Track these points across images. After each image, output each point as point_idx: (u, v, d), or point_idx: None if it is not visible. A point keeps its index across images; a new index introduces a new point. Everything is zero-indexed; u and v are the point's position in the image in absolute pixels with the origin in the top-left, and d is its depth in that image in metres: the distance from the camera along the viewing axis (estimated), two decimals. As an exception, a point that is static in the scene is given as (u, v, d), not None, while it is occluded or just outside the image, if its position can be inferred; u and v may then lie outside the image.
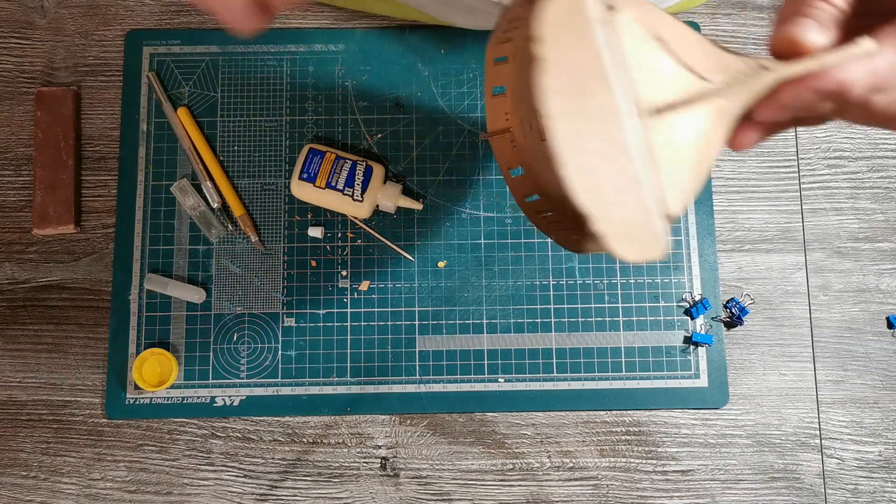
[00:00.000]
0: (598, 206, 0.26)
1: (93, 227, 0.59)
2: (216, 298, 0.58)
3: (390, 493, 0.56)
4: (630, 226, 0.27)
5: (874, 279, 0.59)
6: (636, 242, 0.27)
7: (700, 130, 0.29)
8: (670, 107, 0.28)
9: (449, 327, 0.58)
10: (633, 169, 0.27)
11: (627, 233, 0.27)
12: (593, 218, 0.26)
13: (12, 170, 0.60)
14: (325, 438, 0.57)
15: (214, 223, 0.58)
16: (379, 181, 0.57)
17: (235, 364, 0.57)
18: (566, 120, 0.26)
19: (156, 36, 0.61)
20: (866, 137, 0.61)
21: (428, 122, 0.60)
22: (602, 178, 0.26)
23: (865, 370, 0.58)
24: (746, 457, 0.57)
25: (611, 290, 0.58)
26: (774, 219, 0.60)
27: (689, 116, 0.28)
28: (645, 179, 0.27)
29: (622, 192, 0.27)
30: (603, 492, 0.56)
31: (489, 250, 0.59)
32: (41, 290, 0.58)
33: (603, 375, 0.57)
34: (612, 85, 0.26)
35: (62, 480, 0.56)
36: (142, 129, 0.60)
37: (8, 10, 0.62)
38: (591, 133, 0.26)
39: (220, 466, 0.56)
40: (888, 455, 0.57)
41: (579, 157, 0.26)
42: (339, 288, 0.58)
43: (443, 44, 0.61)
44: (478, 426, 0.57)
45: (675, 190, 0.28)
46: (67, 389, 0.57)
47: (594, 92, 0.26)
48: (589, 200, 0.26)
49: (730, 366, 0.58)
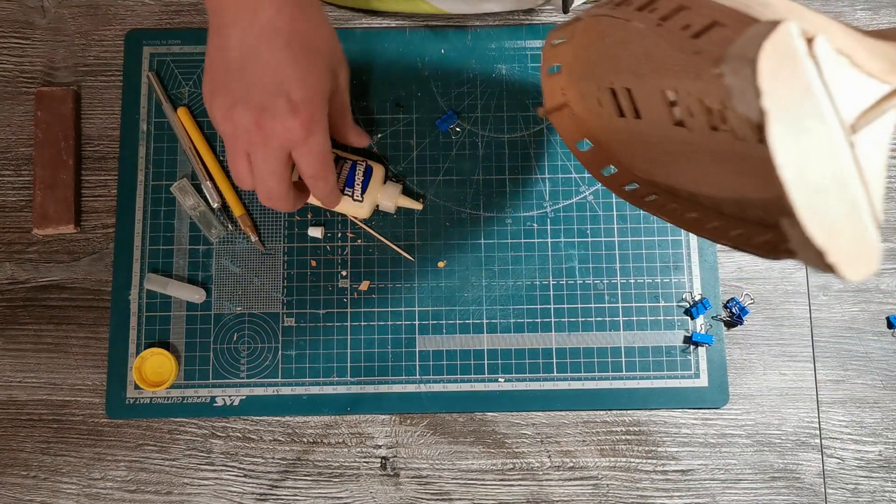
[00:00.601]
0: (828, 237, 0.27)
1: (93, 227, 0.59)
2: (216, 298, 0.58)
3: (390, 493, 0.56)
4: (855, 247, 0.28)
5: (874, 279, 0.59)
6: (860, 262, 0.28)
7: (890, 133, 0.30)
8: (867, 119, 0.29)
9: (449, 327, 0.58)
10: (853, 193, 0.28)
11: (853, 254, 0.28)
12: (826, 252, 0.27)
13: (12, 170, 0.60)
14: (325, 438, 0.57)
15: (214, 223, 0.58)
16: (379, 181, 0.56)
17: (235, 364, 0.57)
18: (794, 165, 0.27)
19: (156, 36, 0.61)
20: (866, 137, 0.61)
21: (428, 122, 0.60)
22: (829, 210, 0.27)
23: (865, 370, 0.58)
24: (746, 456, 0.57)
25: (611, 290, 0.58)
26: (774, 219, 0.60)
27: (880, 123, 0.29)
28: (861, 199, 0.28)
29: (847, 219, 0.28)
30: (603, 491, 0.56)
31: (489, 250, 0.59)
32: (41, 290, 0.58)
33: (603, 375, 0.57)
34: (825, 115, 0.27)
35: (62, 480, 0.56)
36: (142, 129, 0.60)
37: (8, 10, 0.62)
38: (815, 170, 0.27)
39: (220, 466, 0.56)
40: (888, 455, 0.57)
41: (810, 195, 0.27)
42: (339, 288, 0.58)
43: (443, 44, 0.61)
44: (478, 426, 0.57)
45: (879, 198, 0.29)
46: (67, 389, 0.57)
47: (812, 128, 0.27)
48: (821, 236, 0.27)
49: (730, 365, 0.58)
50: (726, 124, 0.32)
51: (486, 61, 0.61)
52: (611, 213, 0.59)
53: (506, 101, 0.60)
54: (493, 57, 0.61)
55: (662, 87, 0.36)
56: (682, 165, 0.40)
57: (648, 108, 0.40)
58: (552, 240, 0.59)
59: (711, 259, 0.58)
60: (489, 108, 0.60)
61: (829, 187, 0.27)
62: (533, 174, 0.59)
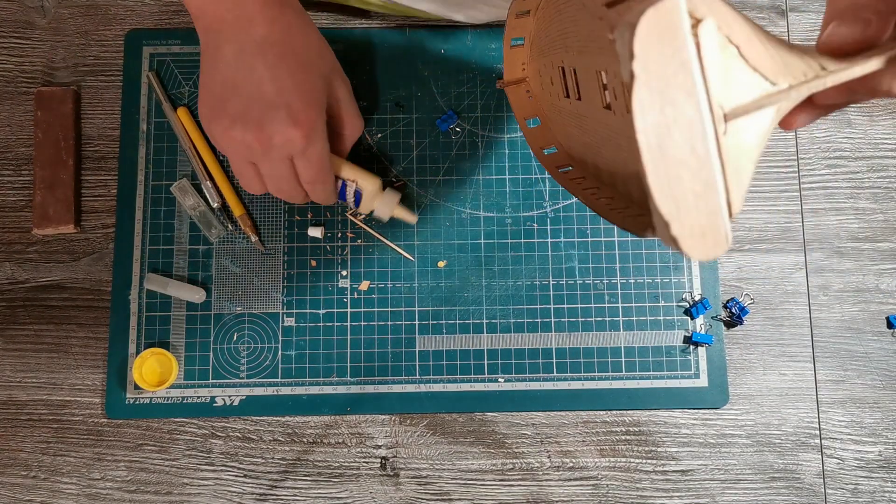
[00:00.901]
0: (675, 210, 0.28)
1: (93, 227, 0.59)
2: (216, 298, 0.58)
3: (390, 493, 0.56)
4: (701, 227, 0.29)
5: (874, 279, 0.59)
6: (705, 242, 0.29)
7: (764, 131, 0.30)
8: (742, 111, 0.29)
9: (449, 327, 0.58)
10: (708, 174, 0.28)
11: (700, 234, 0.29)
12: (670, 223, 0.28)
13: (12, 170, 0.60)
14: (325, 438, 0.57)
15: (214, 223, 0.58)
16: (370, 197, 0.55)
17: (235, 364, 0.57)
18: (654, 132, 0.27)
19: (156, 36, 0.61)
20: (866, 137, 0.61)
21: (428, 122, 0.60)
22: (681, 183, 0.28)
23: (865, 370, 0.58)
24: (746, 457, 0.57)
25: (611, 290, 0.58)
26: (774, 218, 0.60)
27: (756, 119, 0.30)
28: (718, 183, 0.29)
29: (697, 197, 0.28)
30: (603, 492, 0.56)
31: (489, 250, 0.59)
32: (41, 290, 0.58)
33: (603, 375, 0.57)
34: (696, 94, 0.28)
35: (62, 480, 0.56)
36: (142, 129, 0.60)
37: (8, 9, 0.62)
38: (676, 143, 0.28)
39: (220, 466, 0.56)
40: (888, 455, 0.57)
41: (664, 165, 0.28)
42: (339, 288, 0.58)
43: (443, 44, 0.61)
44: (478, 426, 0.57)
45: (739, 190, 0.30)
46: (67, 389, 0.57)
47: (681, 103, 0.28)
48: (667, 206, 0.28)
49: (730, 366, 0.58)
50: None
51: (486, 61, 0.61)
52: (611, 214, 0.59)
53: (506, 101, 0.60)
54: (493, 57, 0.61)
55: (598, 67, 0.37)
56: (607, 149, 0.41)
57: (587, 89, 0.40)
58: (552, 240, 0.59)
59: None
60: (489, 108, 0.60)
61: (687, 163, 0.28)
62: (533, 174, 0.59)
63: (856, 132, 0.61)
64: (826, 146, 0.61)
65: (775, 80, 0.30)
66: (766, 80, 0.30)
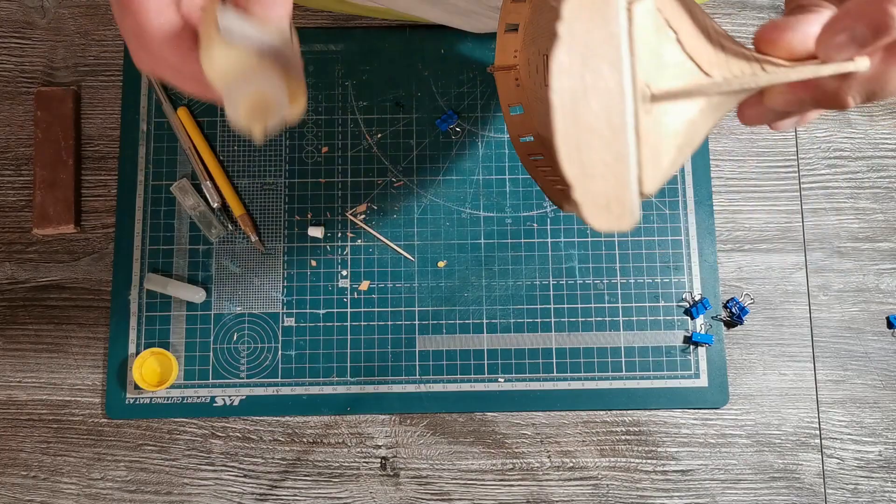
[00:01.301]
0: (581, 175, 0.28)
1: (93, 227, 0.59)
2: (216, 298, 0.58)
3: (390, 493, 0.56)
4: (607, 198, 0.29)
5: (874, 279, 0.59)
6: (609, 214, 0.29)
7: (690, 120, 0.31)
8: (669, 95, 0.29)
9: (449, 327, 0.58)
10: (621, 147, 0.29)
11: (604, 204, 0.29)
12: (573, 186, 0.28)
13: (12, 170, 0.60)
14: (325, 438, 0.57)
15: (214, 223, 0.58)
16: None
17: (235, 364, 0.57)
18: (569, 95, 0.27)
19: (156, 36, 0.61)
20: (866, 137, 0.61)
21: (428, 122, 0.60)
22: (591, 150, 0.28)
23: (865, 370, 0.58)
24: (746, 457, 0.57)
25: (611, 290, 0.58)
26: (774, 219, 0.60)
27: (682, 106, 0.30)
28: (631, 158, 0.29)
29: (606, 167, 0.29)
30: (603, 492, 0.56)
31: (489, 250, 0.59)
32: (41, 289, 0.58)
33: (603, 375, 0.57)
34: (621, 67, 0.28)
35: (62, 480, 0.56)
36: (142, 129, 0.60)
37: (8, 10, 0.62)
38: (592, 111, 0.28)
39: (220, 466, 0.56)
40: (888, 455, 0.57)
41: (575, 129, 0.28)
42: (339, 288, 0.58)
43: (443, 44, 0.61)
44: (478, 426, 0.57)
45: (654, 170, 0.30)
46: (67, 389, 0.57)
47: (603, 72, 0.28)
48: (573, 169, 0.28)
49: (730, 366, 0.58)
50: None
51: (486, 61, 0.61)
52: (611, 213, 0.59)
53: (506, 101, 0.60)
54: (492, 57, 0.61)
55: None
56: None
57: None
58: (552, 240, 0.59)
59: (711, 259, 0.58)
60: (489, 108, 0.60)
61: (600, 132, 0.28)
62: (533, 174, 0.59)
63: (856, 132, 0.61)
64: (826, 146, 0.61)
65: (710, 72, 0.30)
66: (701, 70, 0.30)
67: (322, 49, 0.61)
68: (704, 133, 0.32)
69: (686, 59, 0.30)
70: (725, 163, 0.60)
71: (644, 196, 0.30)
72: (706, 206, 0.59)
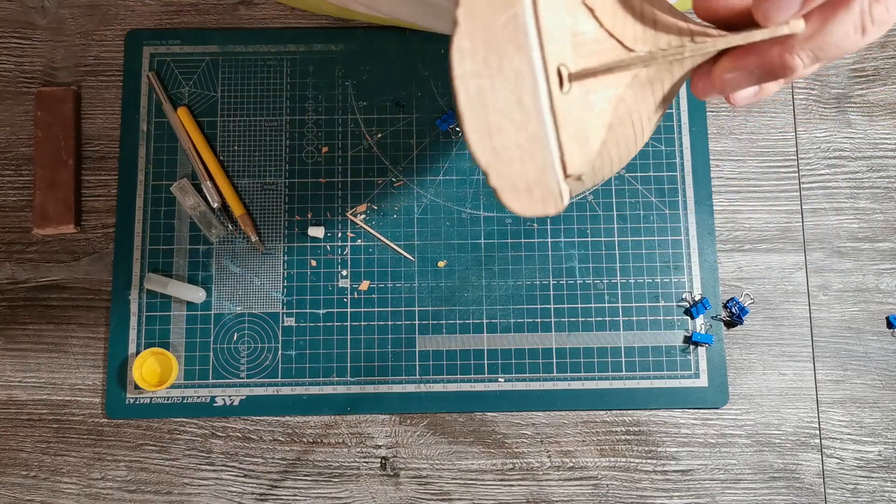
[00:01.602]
0: (495, 161, 0.28)
1: (93, 227, 0.59)
2: (216, 298, 0.58)
3: (390, 493, 0.56)
4: (526, 181, 0.28)
5: (874, 279, 0.59)
6: (531, 198, 0.29)
7: (616, 97, 0.30)
8: (587, 73, 0.29)
9: (449, 327, 0.58)
10: (536, 128, 0.28)
11: (524, 188, 0.28)
12: (487, 173, 0.28)
13: (12, 170, 0.60)
14: (325, 438, 0.57)
15: (214, 223, 0.58)
16: None
17: (235, 364, 0.57)
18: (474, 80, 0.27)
19: (156, 36, 0.61)
20: (866, 137, 0.61)
21: (428, 122, 0.60)
22: (503, 134, 0.28)
23: (865, 370, 0.58)
24: (746, 456, 0.57)
25: (611, 290, 0.58)
26: (774, 218, 0.60)
27: (604, 82, 0.29)
28: (550, 139, 0.28)
29: (522, 150, 0.28)
30: (603, 492, 0.56)
31: (489, 250, 0.59)
32: (41, 289, 0.58)
33: (603, 375, 0.57)
34: (528, 49, 0.27)
35: (62, 480, 0.56)
36: (142, 129, 0.60)
37: (8, 9, 0.62)
38: (499, 94, 0.27)
39: (220, 466, 0.56)
40: (888, 455, 0.57)
41: (484, 114, 0.27)
42: (339, 288, 0.58)
43: (443, 44, 0.61)
44: (478, 426, 0.57)
45: (580, 151, 0.29)
46: (67, 389, 0.57)
47: (508, 55, 0.27)
48: (485, 156, 0.28)
49: (730, 365, 0.58)
50: None
51: (486, 61, 0.61)
52: (611, 213, 0.59)
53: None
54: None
55: None
56: None
57: None
58: (552, 240, 0.59)
59: (711, 259, 0.59)
60: (489, 108, 0.60)
61: (510, 115, 0.28)
62: (533, 174, 0.59)
63: (856, 132, 0.61)
64: (826, 146, 0.61)
65: (633, 47, 0.29)
66: (623, 46, 0.29)
67: (322, 49, 0.61)
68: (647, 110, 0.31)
69: (606, 37, 0.29)
70: (725, 163, 0.60)
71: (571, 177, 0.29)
72: (706, 206, 0.59)
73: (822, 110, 0.61)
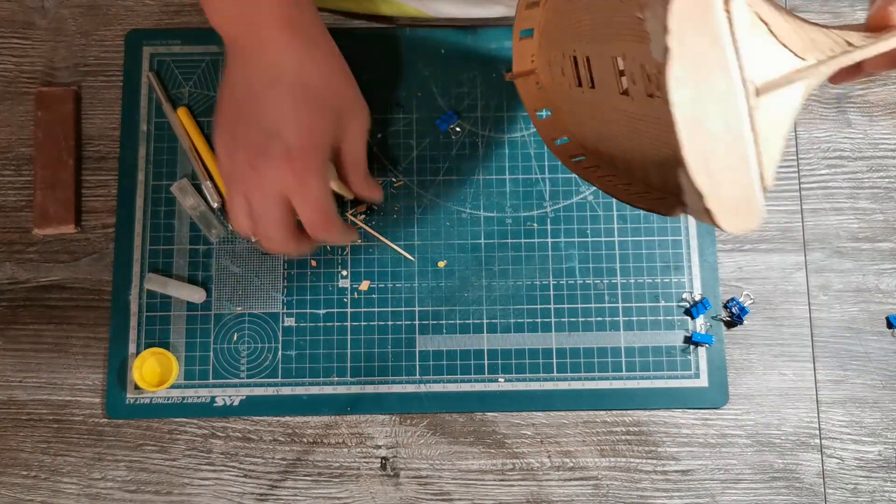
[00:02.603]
0: (711, 184, 0.29)
1: (93, 227, 0.59)
2: (216, 298, 0.58)
3: (390, 493, 0.56)
4: (735, 201, 0.29)
5: (874, 279, 0.59)
6: (738, 216, 0.30)
7: (794, 106, 0.31)
8: (774, 86, 0.30)
9: (449, 327, 0.58)
10: (743, 148, 0.29)
11: (733, 208, 0.29)
12: (706, 196, 0.29)
13: (12, 170, 0.60)
14: (325, 438, 0.57)
15: (214, 223, 0.58)
16: None
17: (235, 364, 0.57)
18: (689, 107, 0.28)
19: (156, 36, 0.61)
20: (866, 137, 0.61)
21: (428, 122, 0.60)
22: (716, 158, 0.29)
23: (865, 370, 0.58)
24: (746, 457, 0.57)
25: (611, 290, 0.58)
26: (774, 218, 0.60)
27: (786, 94, 0.31)
28: (751, 157, 0.29)
29: (732, 171, 0.29)
30: (603, 492, 0.56)
31: (489, 250, 0.59)
32: (41, 289, 0.58)
33: (603, 375, 0.57)
34: (730, 70, 0.29)
35: (62, 480, 0.56)
36: (142, 129, 0.60)
37: (8, 9, 0.62)
38: (710, 117, 0.28)
39: (220, 466, 0.56)
40: (888, 455, 0.57)
41: (700, 140, 0.28)
42: (339, 288, 0.58)
43: (443, 44, 0.61)
44: (478, 426, 0.57)
45: (771, 163, 0.31)
46: (67, 389, 0.57)
47: (715, 78, 0.28)
48: (703, 180, 0.28)
49: (730, 366, 0.58)
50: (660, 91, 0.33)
51: (486, 61, 0.61)
52: (611, 213, 0.59)
53: (506, 101, 0.60)
54: (493, 57, 0.61)
55: (614, 53, 0.37)
56: (622, 136, 0.41)
57: (601, 76, 0.40)
58: (552, 240, 0.59)
59: (711, 259, 0.59)
60: (489, 108, 0.60)
61: (722, 136, 0.28)
62: (533, 174, 0.59)
63: (856, 132, 0.61)
64: (826, 146, 0.61)
65: (804, 56, 0.31)
66: (796, 56, 0.31)
67: (322, 49, 0.61)
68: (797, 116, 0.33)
69: (781, 48, 0.31)
70: (725, 163, 0.60)
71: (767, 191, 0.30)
72: (706, 206, 0.59)
73: (823, 110, 0.61)
